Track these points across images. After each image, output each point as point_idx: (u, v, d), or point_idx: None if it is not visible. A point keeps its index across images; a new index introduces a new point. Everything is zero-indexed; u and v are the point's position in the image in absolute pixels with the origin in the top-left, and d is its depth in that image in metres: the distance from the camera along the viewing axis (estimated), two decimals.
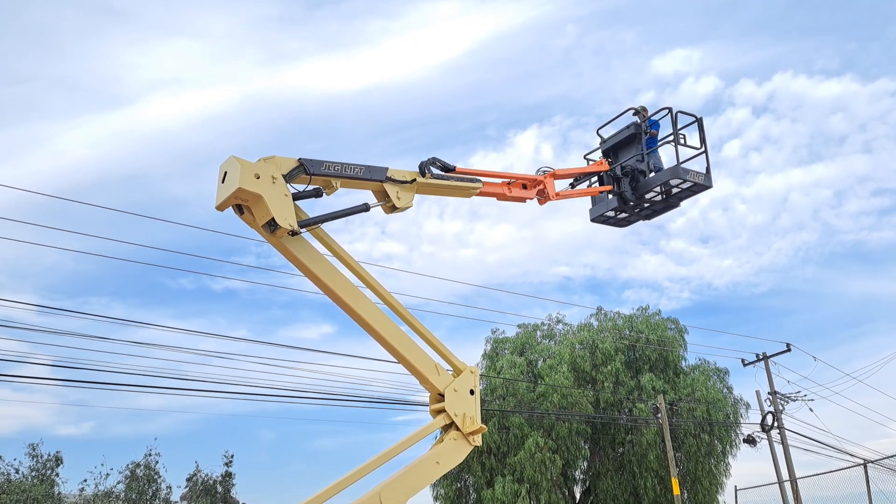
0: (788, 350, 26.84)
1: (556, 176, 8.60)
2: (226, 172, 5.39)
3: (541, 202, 8.48)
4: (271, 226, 5.37)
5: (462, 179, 7.07)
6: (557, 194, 8.55)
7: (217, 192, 5.48)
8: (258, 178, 5.30)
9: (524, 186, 8.14)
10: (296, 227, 5.45)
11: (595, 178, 9.54)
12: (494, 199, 7.97)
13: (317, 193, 5.90)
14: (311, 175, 5.77)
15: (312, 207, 5.99)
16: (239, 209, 5.51)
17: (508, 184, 7.95)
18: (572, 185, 9.22)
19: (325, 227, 6.06)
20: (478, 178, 7.31)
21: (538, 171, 8.45)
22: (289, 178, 5.57)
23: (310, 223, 5.79)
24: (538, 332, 30.06)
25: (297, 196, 5.71)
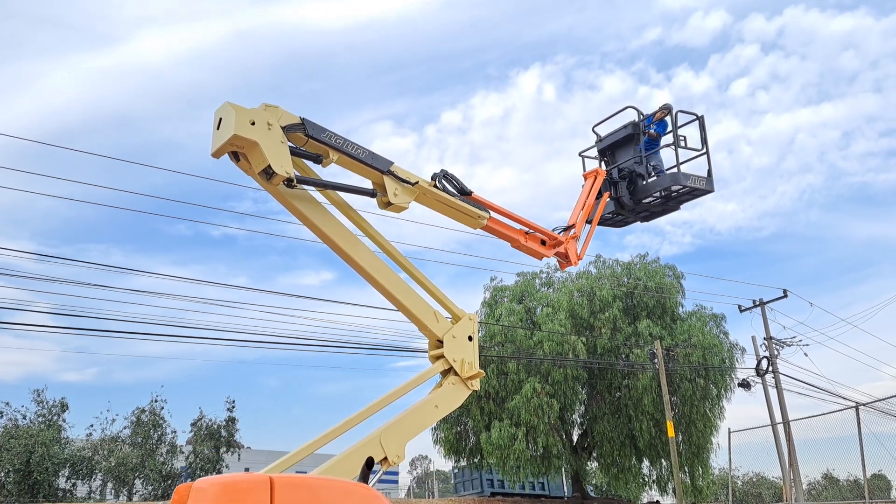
0: (785, 296, 27.07)
1: (577, 235, 7.97)
2: (220, 119, 5.32)
3: (562, 266, 8.00)
4: (267, 173, 5.32)
5: (471, 205, 6.67)
6: (579, 256, 7.98)
7: (212, 139, 5.42)
8: (253, 124, 5.23)
9: (543, 242, 7.57)
10: (292, 174, 5.40)
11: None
12: (508, 243, 7.38)
13: (317, 159, 5.79)
14: (309, 137, 5.64)
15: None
16: (235, 156, 5.45)
17: (526, 233, 7.42)
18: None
19: (324, 175, 6.01)
20: (489, 210, 6.89)
21: (554, 229, 7.84)
22: (285, 131, 5.47)
23: (308, 182, 5.73)
24: (537, 280, 30.23)
25: (295, 152, 5.62)
